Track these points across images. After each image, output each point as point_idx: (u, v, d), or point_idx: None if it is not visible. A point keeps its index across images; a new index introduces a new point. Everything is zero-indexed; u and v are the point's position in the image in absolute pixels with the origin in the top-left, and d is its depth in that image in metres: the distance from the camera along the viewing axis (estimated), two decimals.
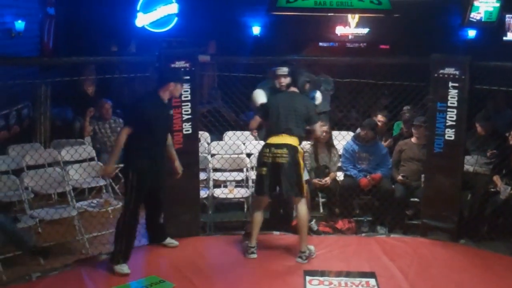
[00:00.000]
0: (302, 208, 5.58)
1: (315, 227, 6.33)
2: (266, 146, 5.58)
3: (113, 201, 6.40)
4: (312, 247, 5.67)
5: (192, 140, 6.08)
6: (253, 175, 6.97)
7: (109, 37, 10.86)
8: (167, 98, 5.43)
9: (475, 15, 10.72)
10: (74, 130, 8.17)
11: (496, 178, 6.49)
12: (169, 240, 5.87)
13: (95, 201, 6.46)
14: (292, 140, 5.52)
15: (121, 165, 7.69)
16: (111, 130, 7.86)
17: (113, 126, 7.90)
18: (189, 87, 5.94)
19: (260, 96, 5.91)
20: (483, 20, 10.72)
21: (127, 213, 5.27)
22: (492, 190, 6.47)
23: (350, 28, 11.91)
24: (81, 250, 5.95)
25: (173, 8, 11.11)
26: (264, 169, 5.54)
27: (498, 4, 10.47)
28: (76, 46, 10.05)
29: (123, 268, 5.24)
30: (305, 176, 5.96)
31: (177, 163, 5.65)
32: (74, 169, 6.52)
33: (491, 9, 10.58)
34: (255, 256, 5.61)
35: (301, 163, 5.58)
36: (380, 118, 7.66)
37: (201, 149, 6.72)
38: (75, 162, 6.79)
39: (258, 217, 5.70)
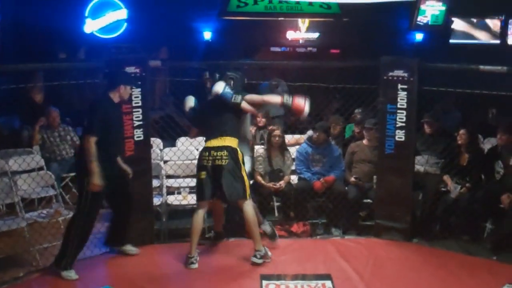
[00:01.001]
0: (248, 209, 5.55)
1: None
2: (205, 149, 5.54)
3: (63, 211, 6.23)
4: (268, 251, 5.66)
5: (143, 147, 6.01)
6: None
7: (58, 44, 10.64)
8: (117, 101, 5.41)
9: (422, 19, 10.92)
10: (21, 139, 7.94)
11: (446, 178, 6.63)
12: (129, 247, 5.81)
13: (45, 211, 6.26)
14: (230, 142, 5.51)
15: (72, 174, 7.60)
16: (60, 139, 7.68)
17: (62, 135, 7.72)
18: (140, 93, 5.87)
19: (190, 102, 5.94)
20: (429, 23, 10.93)
21: (81, 218, 5.21)
22: (443, 189, 6.61)
23: (301, 32, 11.98)
24: (32, 262, 5.75)
25: (123, 13, 10.97)
26: (204, 173, 5.50)
27: (444, 8, 10.71)
28: (23, 52, 9.79)
29: (71, 274, 5.22)
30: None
31: (124, 165, 5.62)
32: (23, 179, 6.31)
33: (437, 12, 10.81)
34: (195, 266, 5.51)
35: (242, 165, 5.55)
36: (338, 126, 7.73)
37: (153, 155, 6.64)
38: (23, 172, 6.59)
39: (198, 225, 5.61)
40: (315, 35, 11.99)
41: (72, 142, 7.77)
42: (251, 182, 6.81)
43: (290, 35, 11.92)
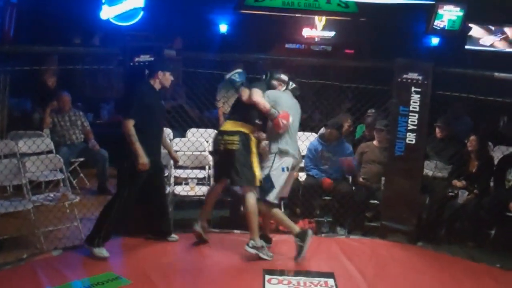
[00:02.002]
0: (250, 197, 5.52)
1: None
2: (220, 133, 5.68)
3: (70, 195, 6.25)
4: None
5: None
6: None
7: (73, 29, 10.65)
8: (158, 88, 5.54)
9: (438, 23, 10.86)
10: (32, 122, 8.00)
11: (455, 182, 6.61)
12: (172, 237, 5.98)
13: (52, 194, 6.27)
14: (244, 127, 5.55)
15: (81, 159, 7.64)
16: (70, 123, 7.71)
17: (73, 119, 7.74)
18: None
19: None
20: (446, 28, 10.88)
21: (119, 201, 5.36)
22: (450, 194, 6.59)
23: (317, 30, 11.94)
24: (36, 245, 5.78)
25: (140, 1, 10.93)
26: (216, 156, 5.68)
27: (461, 13, 10.64)
28: (38, 36, 9.81)
29: (102, 251, 5.36)
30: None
31: (174, 153, 6.08)
32: (32, 161, 6.34)
33: (454, 18, 10.74)
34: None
35: (254, 151, 5.58)
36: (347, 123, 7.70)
37: None
38: (32, 154, 6.61)
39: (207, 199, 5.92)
40: (331, 33, 11.95)
41: (82, 127, 7.80)
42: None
43: (306, 32, 11.89)
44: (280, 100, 5.63)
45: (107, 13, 10.71)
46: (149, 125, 5.37)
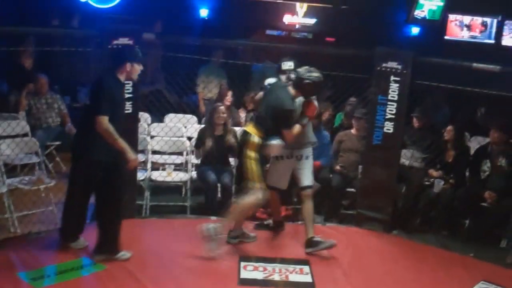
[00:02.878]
0: (249, 195, 5.36)
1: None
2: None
3: (46, 179, 6.18)
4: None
5: (131, 120, 5.94)
6: (193, 158, 6.91)
7: (51, 10, 10.47)
8: (124, 80, 5.00)
9: (419, 13, 10.87)
10: (8, 104, 7.86)
11: (431, 171, 6.67)
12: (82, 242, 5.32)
13: (27, 178, 6.21)
14: (252, 130, 5.41)
15: (57, 143, 7.54)
16: (47, 106, 7.59)
17: (49, 102, 7.62)
18: None
19: None
20: (427, 18, 10.90)
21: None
22: (426, 183, 6.64)
23: (298, 17, 11.88)
24: (10, 229, 5.72)
25: None
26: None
27: (442, 3, 10.66)
28: (15, 17, 9.65)
29: (126, 254, 5.10)
30: None
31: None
32: (7, 144, 6.25)
33: (435, 7, 10.75)
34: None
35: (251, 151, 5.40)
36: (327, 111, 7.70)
37: (140, 130, 6.59)
38: (7, 137, 6.51)
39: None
40: (312, 21, 11.89)
41: (59, 110, 7.69)
42: None
43: (287, 19, 11.82)
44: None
45: None
46: (114, 122, 4.75)
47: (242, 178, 5.39)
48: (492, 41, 10.74)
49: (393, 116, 6.16)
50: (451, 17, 10.45)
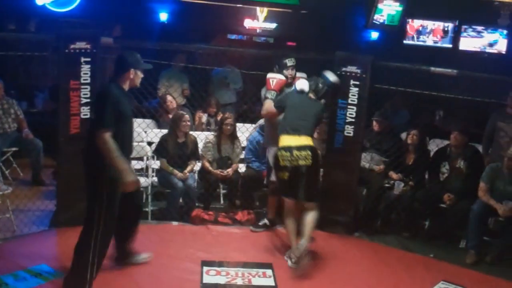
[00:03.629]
0: (313, 213, 5.44)
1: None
2: (287, 149, 5.30)
3: (2, 186, 6.03)
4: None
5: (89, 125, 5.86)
6: (153, 163, 6.83)
7: (7, 14, 10.26)
8: (127, 88, 4.65)
9: (378, 18, 11.00)
10: None
11: (391, 173, 6.74)
12: (141, 256, 5.22)
13: None
14: (311, 142, 5.40)
15: (13, 149, 7.37)
16: (3, 112, 7.38)
17: (6, 108, 7.41)
18: (89, 69, 5.78)
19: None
20: (386, 23, 11.04)
21: (100, 232, 4.41)
22: (387, 185, 6.71)
23: (259, 22, 11.92)
24: None
25: None
26: (286, 173, 5.33)
27: (400, 8, 10.81)
28: None
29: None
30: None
31: None
32: None
33: (393, 12, 10.90)
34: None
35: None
36: None
37: None
38: None
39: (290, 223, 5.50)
40: (273, 25, 11.93)
41: (15, 116, 7.50)
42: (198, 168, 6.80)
43: (248, 23, 11.83)
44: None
45: None
46: (123, 134, 4.45)
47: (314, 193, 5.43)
48: (450, 45, 10.98)
49: (353, 120, 6.22)
50: (417, 22, 10.66)
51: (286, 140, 5.34)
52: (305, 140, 5.33)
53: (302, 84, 5.66)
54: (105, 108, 4.33)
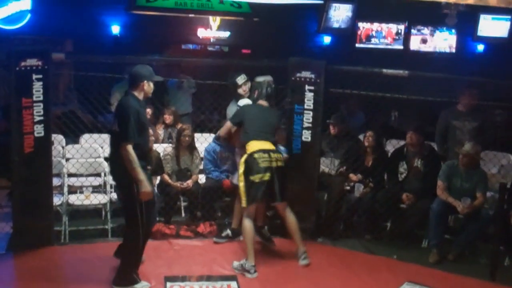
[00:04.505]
0: (290, 212, 5.76)
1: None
2: (264, 151, 5.53)
3: None
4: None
5: (44, 143, 5.75)
6: (111, 179, 6.71)
7: None
8: (142, 99, 4.97)
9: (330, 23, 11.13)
10: None
11: (351, 176, 6.77)
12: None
13: None
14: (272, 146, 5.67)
15: None
16: None
17: None
18: (41, 86, 5.66)
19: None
20: (337, 27, 11.17)
21: (140, 232, 4.86)
22: (347, 188, 6.74)
23: (212, 31, 11.91)
24: None
25: (26, 4, 10.44)
26: (268, 174, 5.48)
27: (351, 14, 10.96)
28: None
29: (143, 284, 5.04)
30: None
31: None
32: None
33: (344, 17, 11.06)
34: (256, 275, 5.41)
35: None
36: None
37: (54, 152, 6.34)
38: None
39: (251, 229, 5.59)
40: (226, 34, 11.94)
41: None
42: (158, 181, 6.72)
43: (201, 33, 11.81)
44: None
45: None
46: (143, 143, 4.90)
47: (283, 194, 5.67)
48: (401, 47, 11.18)
49: (310, 125, 6.25)
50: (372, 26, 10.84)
51: (257, 144, 5.58)
52: (272, 145, 5.66)
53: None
54: (128, 120, 4.68)
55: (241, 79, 6.11)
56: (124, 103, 4.81)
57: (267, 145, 5.60)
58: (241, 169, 5.58)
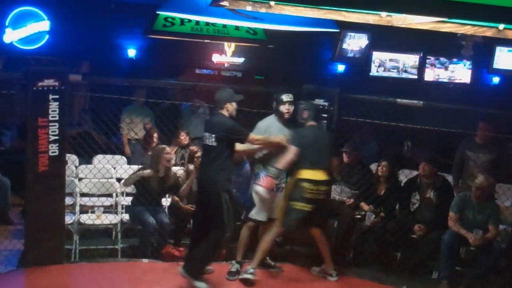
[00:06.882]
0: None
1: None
2: (315, 183, 5.61)
3: None
4: None
5: (58, 163, 5.80)
6: (123, 200, 6.75)
7: None
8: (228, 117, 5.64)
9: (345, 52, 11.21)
10: None
11: (363, 204, 6.75)
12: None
13: None
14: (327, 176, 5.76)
15: None
16: None
17: None
18: (57, 106, 5.71)
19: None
20: (351, 56, 11.24)
21: (224, 233, 5.41)
22: (358, 217, 6.71)
23: (227, 56, 12.04)
24: None
25: (45, 25, 10.63)
26: (310, 206, 5.60)
27: (367, 42, 11.05)
28: None
29: (203, 285, 5.37)
30: None
31: None
32: None
33: (358, 48, 11.14)
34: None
35: None
36: None
37: (67, 172, 6.40)
38: None
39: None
40: (241, 60, 12.07)
41: None
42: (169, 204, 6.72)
43: (216, 58, 11.94)
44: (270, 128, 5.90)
45: (10, 36, 10.31)
46: (231, 155, 5.61)
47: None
48: (416, 77, 11.22)
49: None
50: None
51: (310, 174, 5.62)
52: (324, 174, 5.68)
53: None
54: (234, 125, 5.53)
55: (286, 97, 5.97)
56: (218, 120, 5.57)
57: (319, 175, 5.63)
58: (286, 190, 5.72)
